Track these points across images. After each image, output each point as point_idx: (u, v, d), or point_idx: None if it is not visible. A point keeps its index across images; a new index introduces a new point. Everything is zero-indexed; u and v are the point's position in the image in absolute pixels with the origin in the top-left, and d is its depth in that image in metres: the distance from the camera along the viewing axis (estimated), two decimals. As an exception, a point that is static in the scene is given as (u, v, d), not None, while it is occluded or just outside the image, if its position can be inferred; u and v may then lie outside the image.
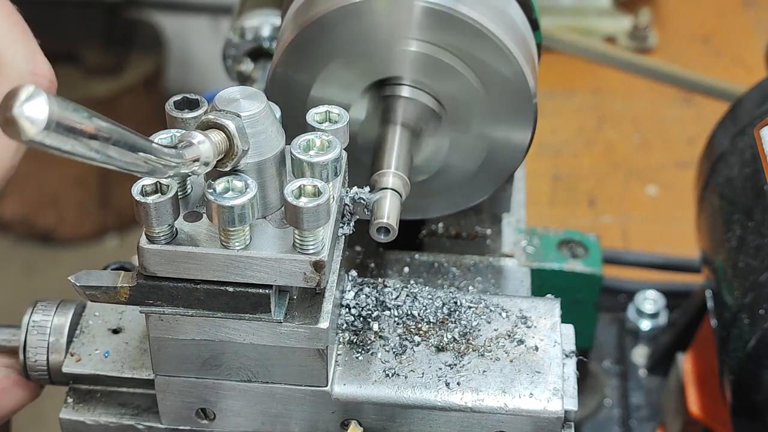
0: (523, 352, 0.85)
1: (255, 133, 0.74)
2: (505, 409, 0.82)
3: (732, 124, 1.12)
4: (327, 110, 0.81)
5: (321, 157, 0.77)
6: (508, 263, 0.99)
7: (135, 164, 0.66)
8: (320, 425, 0.84)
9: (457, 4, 0.86)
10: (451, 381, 0.82)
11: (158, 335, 0.80)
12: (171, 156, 0.68)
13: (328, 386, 0.82)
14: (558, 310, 0.88)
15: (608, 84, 1.93)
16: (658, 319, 1.41)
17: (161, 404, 0.84)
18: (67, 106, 0.58)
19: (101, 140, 0.61)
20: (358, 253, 0.98)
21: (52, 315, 0.89)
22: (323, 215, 0.73)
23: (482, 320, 0.87)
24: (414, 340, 0.85)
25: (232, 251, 0.75)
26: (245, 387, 0.82)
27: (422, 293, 0.88)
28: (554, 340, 0.86)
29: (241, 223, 0.73)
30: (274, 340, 0.79)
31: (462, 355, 0.84)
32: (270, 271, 0.76)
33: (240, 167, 0.74)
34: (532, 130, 0.92)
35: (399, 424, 0.83)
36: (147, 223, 0.74)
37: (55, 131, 0.57)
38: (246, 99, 0.75)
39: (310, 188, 0.74)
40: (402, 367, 0.83)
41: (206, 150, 0.71)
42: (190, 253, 0.75)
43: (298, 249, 0.75)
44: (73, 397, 0.88)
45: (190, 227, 0.77)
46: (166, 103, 0.79)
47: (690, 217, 1.19)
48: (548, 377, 0.83)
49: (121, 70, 3.40)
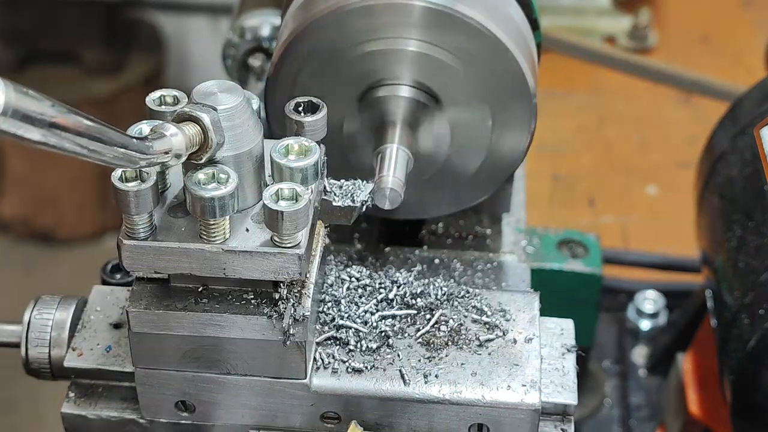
0: (501, 345, 0.85)
1: (231, 126, 0.75)
2: (483, 401, 0.82)
3: (732, 123, 1.12)
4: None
5: (300, 162, 0.77)
6: (508, 259, 0.99)
7: (103, 154, 0.66)
8: (300, 417, 0.85)
9: (457, 4, 0.86)
10: (430, 373, 0.83)
11: (140, 331, 0.81)
12: (141, 147, 0.69)
13: (306, 379, 0.83)
14: (537, 304, 0.89)
15: (608, 84, 1.93)
16: (658, 319, 1.41)
17: (141, 397, 0.85)
18: (26, 94, 0.59)
19: (65, 129, 0.62)
20: (359, 248, 0.98)
21: (54, 310, 0.90)
22: (302, 220, 0.74)
23: (461, 313, 0.87)
24: (393, 333, 0.86)
25: (212, 245, 0.76)
26: (224, 380, 0.83)
27: (402, 286, 0.89)
28: (533, 333, 0.86)
29: (221, 215, 0.74)
30: (253, 334, 0.80)
31: (440, 348, 0.85)
32: (249, 266, 0.77)
33: (217, 160, 0.75)
34: (531, 130, 0.92)
35: (378, 416, 0.84)
36: (126, 211, 0.75)
37: (12, 117, 0.58)
38: (223, 92, 0.76)
39: (288, 192, 0.75)
40: (381, 359, 0.84)
41: (178, 142, 0.72)
42: (169, 247, 0.76)
43: (276, 244, 0.76)
44: (74, 391, 0.89)
45: (170, 223, 0.78)
46: (147, 97, 0.80)
47: (690, 217, 1.19)
48: (526, 370, 0.84)
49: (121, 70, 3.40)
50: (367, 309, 0.87)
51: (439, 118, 0.91)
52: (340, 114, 0.91)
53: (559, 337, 0.88)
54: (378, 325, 0.86)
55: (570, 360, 0.86)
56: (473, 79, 0.89)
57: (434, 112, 0.91)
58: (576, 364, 0.87)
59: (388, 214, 0.94)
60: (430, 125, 0.91)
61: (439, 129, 0.92)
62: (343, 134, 0.92)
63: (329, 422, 0.85)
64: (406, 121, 0.90)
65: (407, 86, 0.90)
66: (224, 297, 0.80)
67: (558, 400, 0.85)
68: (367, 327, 0.86)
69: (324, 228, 0.85)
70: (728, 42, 2.05)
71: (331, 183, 0.85)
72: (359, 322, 0.86)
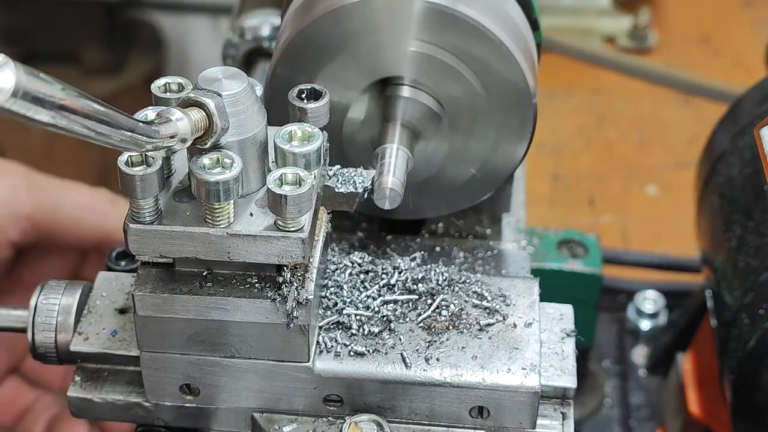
0: (501, 330, 0.86)
1: (236, 112, 0.76)
2: (483, 384, 0.83)
3: (732, 124, 1.12)
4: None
5: (303, 148, 0.79)
6: (508, 247, 1.00)
7: (110, 136, 0.68)
8: (303, 400, 0.86)
9: (457, 3, 0.86)
10: (431, 357, 0.84)
11: (146, 314, 0.82)
12: (147, 131, 0.70)
13: (309, 362, 0.84)
14: (537, 289, 0.90)
15: (608, 84, 1.93)
16: (657, 319, 1.41)
17: (146, 380, 0.86)
18: (37, 77, 0.60)
19: (74, 112, 0.63)
20: (360, 236, 0.99)
21: (60, 295, 0.91)
22: (305, 204, 0.75)
23: (462, 298, 0.88)
24: (395, 318, 0.87)
25: (217, 229, 0.77)
26: (228, 363, 0.84)
27: (404, 270, 0.89)
28: (532, 317, 0.87)
29: (226, 198, 0.75)
30: (257, 317, 0.81)
31: (441, 332, 0.86)
32: (253, 249, 0.78)
33: (221, 144, 0.76)
34: (531, 131, 0.92)
35: (380, 399, 0.85)
36: (132, 195, 0.76)
37: (22, 99, 0.59)
38: (228, 79, 0.77)
39: (292, 176, 0.76)
40: (382, 343, 0.85)
41: (184, 127, 0.73)
42: (174, 231, 0.77)
43: (280, 228, 0.77)
44: (80, 375, 0.90)
45: (175, 207, 0.79)
46: (152, 84, 0.81)
47: (690, 217, 1.19)
48: (526, 353, 0.85)
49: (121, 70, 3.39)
50: (369, 294, 0.88)
51: (439, 118, 0.91)
52: (340, 114, 0.91)
53: (558, 322, 0.90)
54: (380, 309, 0.87)
55: (569, 344, 0.88)
56: (473, 79, 0.89)
57: (434, 112, 0.91)
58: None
59: (385, 214, 0.95)
60: (430, 126, 0.91)
61: (438, 129, 0.91)
62: (342, 134, 0.92)
63: (332, 405, 0.86)
64: (405, 121, 0.90)
65: (407, 86, 0.90)
66: (228, 281, 0.81)
67: (557, 384, 0.86)
68: (369, 312, 0.87)
69: (327, 214, 0.86)
70: (728, 42, 2.05)
71: (333, 170, 0.86)
72: (361, 307, 0.87)
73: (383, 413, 0.85)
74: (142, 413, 0.89)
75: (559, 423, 0.86)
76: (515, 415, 0.84)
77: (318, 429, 0.86)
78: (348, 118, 0.92)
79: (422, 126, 0.91)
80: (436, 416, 0.85)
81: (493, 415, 0.85)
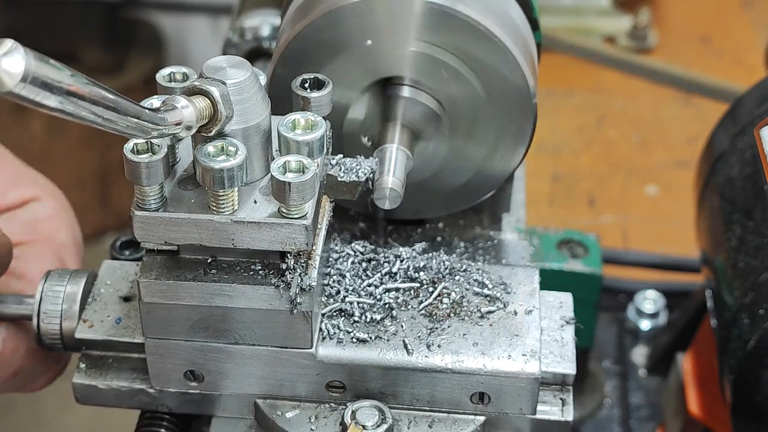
0: (502, 317, 0.87)
1: (240, 100, 0.77)
2: (484, 370, 0.84)
3: (732, 123, 1.12)
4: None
5: (307, 136, 0.79)
6: (508, 237, 1.01)
7: (117, 123, 0.68)
8: (306, 387, 0.87)
9: (457, 4, 0.86)
10: (432, 343, 0.85)
11: (151, 301, 0.83)
12: (153, 118, 0.71)
13: (312, 348, 0.84)
14: (537, 278, 0.91)
15: (608, 84, 1.93)
16: (657, 319, 1.41)
17: (151, 367, 0.87)
18: (46, 63, 0.61)
19: (82, 98, 0.64)
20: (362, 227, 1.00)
21: (65, 284, 0.91)
22: (309, 191, 0.76)
23: (463, 286, 0.89)
24: (397, 306, 0.87)
25: (221, 216, 0.78)
26: (232, 349, 0.85)
27: (406, 258, 0.90)
28: (533, 305, 0.88)
29: (230, 186, 0.76)
30: (261, 304, 0.82)
31: (443, 320, 0.87)
32: (257, 236, 0.79)
33: (226, 132, 0.77)
34: (531, 131, 0.92)
35: (382, 385, 0.86)
36: (138, 182, 0.77)
37: (31, 84, 0.60)
38: (232, 67, 0.78)
39: (295, 164, 0.77)
40: (384, 330, 0.86)
41: (189, 114, 0.74)
42: (179, 218, 0.78)
43: (284, 215, 0.78)
44: (85, 362, 0.91)
45: (180, 195, 0.80)
46: (157, 74, 0.83)
47: (690, 217, 1.19)
48: (526, 340, 0.86)
49: (121, 70, 3.40)
50: (371, 282, 0.88)
51: (439, 118, 0.91)
52: (340, 113, 0.91)
53: (558, 309, 0.91)
54: (382, 297, 0.88)
55: (569, 332, 0.89)
56: (473, 80, 0.89)
57: (434, 112, 0.91)
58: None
59: (384, 214, 0.95)
60: (430, 126, 0.91)
61: (438, 129, 0.92)
62: (342, 133, 0.93)
63: (334, 391, 0.87)
64: (405, 121, 0.90)
65: (407, 86, 0.90)
66: (232, 268, 0.82)
67: (557, 370, 0.87)
68: (371, 299, 0.87)
69: (329, 203, 0.86)
70: (728, 42, 2.05)
71: (336, 159, 0.87)
72: (364, 294, 0.88)
73: (385, 399, 0.86)
74: (147, 399, 0.90)
75: (559, 409, 0.87)
76: (516, 400, 0.85)
77: (320, 415, 0.87)
78: (348, 118, 0.92)
79: (422, 126, 0.91)
80: (438, 402, 0.86)
81: (493, 401, 0.86)
